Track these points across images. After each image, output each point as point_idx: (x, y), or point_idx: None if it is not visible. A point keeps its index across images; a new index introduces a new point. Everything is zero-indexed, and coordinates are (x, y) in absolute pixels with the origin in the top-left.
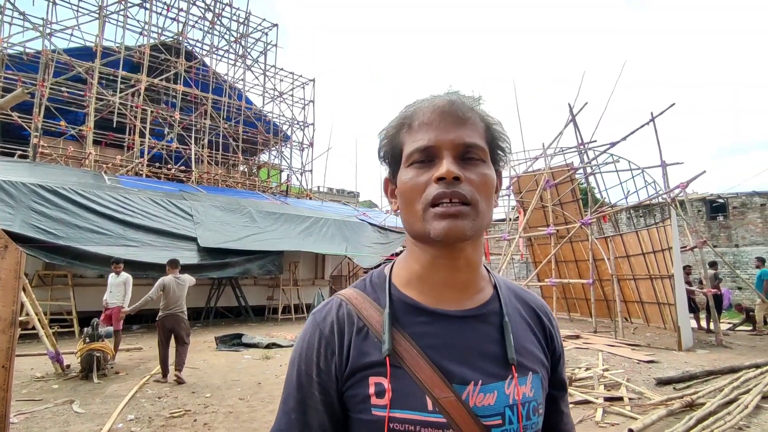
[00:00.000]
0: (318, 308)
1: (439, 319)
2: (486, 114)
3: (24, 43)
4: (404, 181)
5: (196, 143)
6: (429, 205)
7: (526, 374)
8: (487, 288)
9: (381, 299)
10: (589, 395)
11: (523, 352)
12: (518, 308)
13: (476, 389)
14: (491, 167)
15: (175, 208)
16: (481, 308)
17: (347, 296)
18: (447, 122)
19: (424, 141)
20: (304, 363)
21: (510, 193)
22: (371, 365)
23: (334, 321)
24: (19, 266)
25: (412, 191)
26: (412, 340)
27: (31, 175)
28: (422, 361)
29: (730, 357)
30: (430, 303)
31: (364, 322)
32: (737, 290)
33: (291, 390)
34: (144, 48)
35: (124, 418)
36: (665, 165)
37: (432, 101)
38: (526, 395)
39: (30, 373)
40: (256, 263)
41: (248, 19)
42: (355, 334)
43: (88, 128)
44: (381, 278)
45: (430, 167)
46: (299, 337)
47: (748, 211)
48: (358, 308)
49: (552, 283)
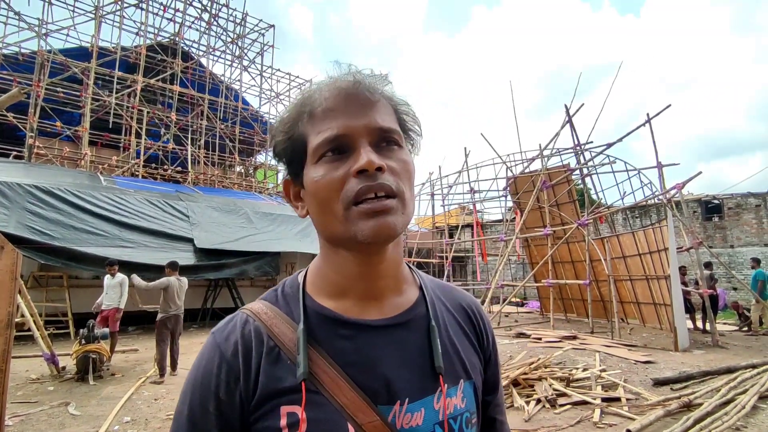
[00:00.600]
0: (219, 326)
1: (361, 331)
2: (393, 94)
3: (19, 43)
4: (315, 179)
5: (193, 144)
6: (351, 203)
7: (457, 383)
8: (412, 290)
9: (295, 313)
10: (586, 396)
11: (453, 358)
12: (447, 308)
13: (403, 409)
14: (408, 152)
15: (172, 209)
16: (407, 314)
17: (255, 311)
18: (355, 106)
19: (333, 130)
20: (199, 394)
21: (507, 194)
22: (283, 392)
23: (239, 341)
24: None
25: (328, 189)
26: (330, 358)
27: (27, 175)
28: (342, 383)
29: (727, 357)
30: (351, 313)
31: (275, 341)
32: (732, 290)
33: (181, 428)
34: (140, 48)
35: (120, 420)
36: (661, 166)
37: (333, 83)
38: (457, 407)
39: (25, 374)
40: (253, 264)
41: (245, 20)
42: (265, 355)
43: (84, 129)
44: (294, 288)
45: (345, 159)
46: (194, 362)
47: (743, 212)
48: (267, 325)
49: (549, 283)
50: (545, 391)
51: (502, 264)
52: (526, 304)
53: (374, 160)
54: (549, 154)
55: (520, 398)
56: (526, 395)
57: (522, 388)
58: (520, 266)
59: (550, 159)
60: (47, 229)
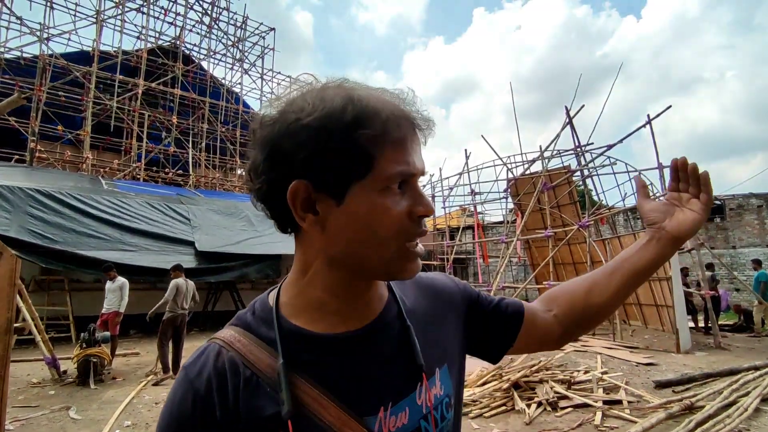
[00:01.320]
0: (189, 361)
1: (339, 344)
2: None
3: (21, 47)
4: (380, 209)
5: (194, 147)
6: (408, 242)
7: (434, 373)
8: (382, 290)
9: (269, 335)
10: (588, 398)
11: (429, 349)
12: (421, 296)
13: (387, 414)
14: None
15: (173, 212)
16: (381, 318)
17: (227, 340)
18: (417, 143)
19: (409, 166)
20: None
21: (508, 196)
22: (267, 422)
23: (212, 376)
24: (15, 273)
25: (393, 224)
26: (310, 379)
27: (28, 179)
28: (326, 401)
29: (729, 359)
30: (329, 329)
31: (252, 369)
32: (735, 292)
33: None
34: (141, 52)
35: (120, 424)
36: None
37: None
38: (437, 396)
39: (26, 378)
40: (254, 267)
41: (245, 23)
42: (243, 387)
43: (86, 132)
44: (266, 310)
45: (402, 195)
46: (166, 404)
47: (745, 213)
48: (242, 353)
49: (550, 285)
50: (546, 394)
51: (503, 266)
52: None
53: (432, 208)
54: (550, 156)
55: (522, 401)
56: (528, 398)
57: (523, 391)
58: (521, 268)
59: (551, 160)
60: (49, 233)
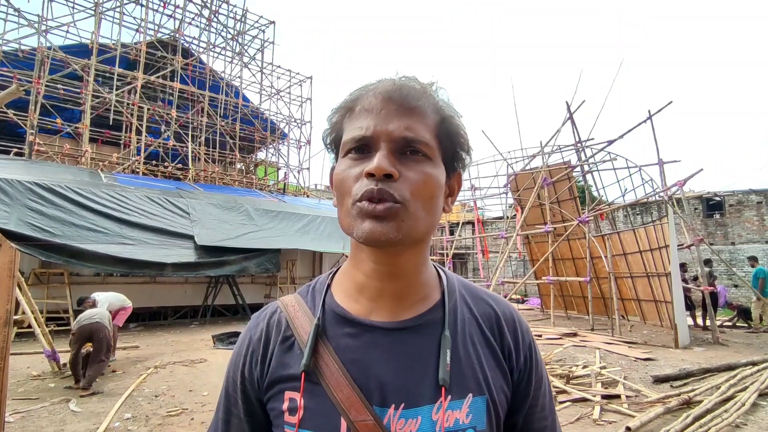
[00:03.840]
0: (257, 313)
1: (368, 331)
2: (443, 104)
3: (19, 40)
4: (337, 172)
5: (193, 141)
6: (356, 200)
7: (464, 396)
8: (433, 294)
9: (316, 307)
10: (586, 393)
11: (465, 369)
12: (473, 316)
13: (397, 413)
14: (439, 166)
15: (172, 206)
16: (418, 319)
17: (285, 302)
18: (389, 110)
19: (361, 130)
20: (232, 369)
21: (507, 191)
22: (288, 378)
23: (264, 328)
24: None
25: (344, 184)
26: (335, 354)
27: (27, 172)
28: (342, 378)
29: (727, 354)
30: (361, 313)
31: (293, 331)
32: (733, 288)
33: (221, 398)
34: (140, 45)
35: (120, 417)
36: (662, 163)
37: (378, 85)
38: (459, 422)
39: (27, 371)
40: (254, 261)
41: (245, 17)
42: (279, 343)
43: (85, 126)
44: (322, 284)
45: (366, 160)
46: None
47: (744, 209)
48: (290, 316)
49: (549, 280)
50: None
51: (502, 261)
52: (526, 301)
53: (384, 166)
54: (550, 151)
55: None
56: None
57: None
58: (520, 263)
59: (551, 156)
60: (48, 226)
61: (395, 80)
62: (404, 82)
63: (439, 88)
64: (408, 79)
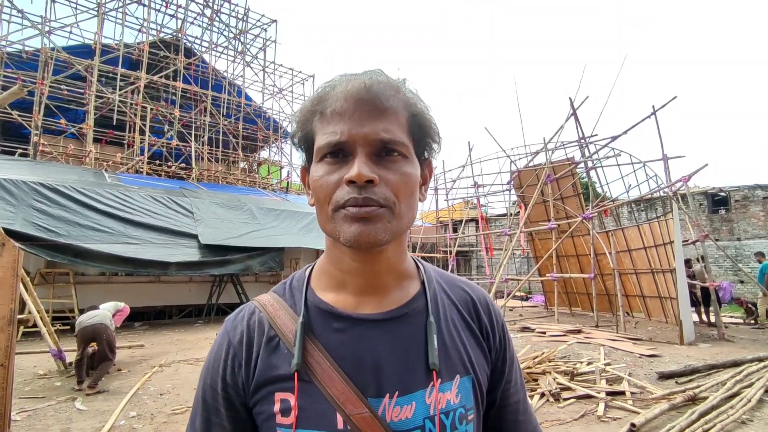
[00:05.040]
0: (231, 315)
1: (356, 325)
2: (412, 99)
3: (23, 41)
4: (315, 178)
5: (196, 140)
6: (339, 207)
7: (453, 377)
8: (413, 284)
9: (298, 305)
10: (591, 390)
11: (451, 352)
12: (452, 301)
13: (392, 402)
14: (414, 163)
15: (176, 205)
16: (403, 308)
17: (262, 302)
18: (362, 113)
19: (336, 135)
20: (210, 376)
21: (511, 188)
22: (278, 379)
23: (244, 330)
24: (17, 264)
25: (323, 190)
26: (324, 350)
27: (32, 173)
28: (334, 374)
29: (733, 351)
30: (347, 307)
31: (276, 331)
32: (739, 284)
33: (197, 407)
34: (143, 45)
35: (126, 415)
36: (667, 158)
37: (346, 84)
38: (450, 402)
39: (33, 370)
40: (257, 260)
41: (247, 15)
42: (264, 344)
43: (88, 126)
44: (300, 281)
45: (342, 164)
46: (211, 346)
47: (750, 204)
48: (271, 316)
49: (553, 277)
50: (549, 385)
51: (506, 258)
52: (530, 299)
53: (364, 173)
54: (553, 148)
55: None
56: (530, 389)
57: (526, 382)
58: (524, 260)
59: (555, 152)
60: (53, 226)
61: (363, 79)
62: (373, 81)
63: (407, 82)
64: (375, 74)
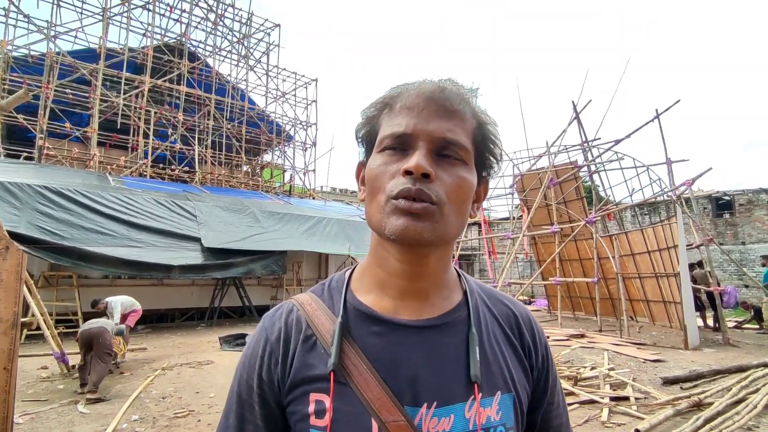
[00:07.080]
0: (270, 312)
1: (395, 329)
2: (481, 111)
3: (29, 45)
4: (372, 167)
5: (200, 144)
6: (391, 197)
7: (493, 393)
8: (455, 294)
9: (336, 306)
10: (594, 395)
11: (492, 367)
12: (493, 316)
13: (429, 412)
14: (472, 171)
15: (179, 208)
16: (444, 317)
17: (300, 301)
18: (430, 110)
19: (401, 127)
20: (246, 372)
21: (514, 192)
22: (313, 379)
23: (282, 327)
24: (21, 267)
25: (378, 180)
26: (362, 353)
27: (37, 176)
28: (371, 378)
29: (738, 356)
30: (387, 311)
31: (313, 330)
32: (744, 288)
33: (231, 403)
34: (147, 49)
35: (128, 419)
36: (670, 162)
37: (420, 85)
38: (491, 419)
39: (36, 373)
40: (260, 263)
41: (250, 20)
42: (301, 343)
43: (93, 130)
44: (340, 282)
45: (402, 157)
46: (248, 342)
47: (754, 208)
48: (309, 315)
49: (556, 281)
50: None
51: (509, 262)
52: (533, 303)
53: (423, 165)
54: (556, 151)
55: None
56: None
57: None
58: (527, 264)
59: (558, 156)
60: (57, 230)
61: (437, 82)
62: (446, 85)
63: (478, 95)
64: (449, 81)
